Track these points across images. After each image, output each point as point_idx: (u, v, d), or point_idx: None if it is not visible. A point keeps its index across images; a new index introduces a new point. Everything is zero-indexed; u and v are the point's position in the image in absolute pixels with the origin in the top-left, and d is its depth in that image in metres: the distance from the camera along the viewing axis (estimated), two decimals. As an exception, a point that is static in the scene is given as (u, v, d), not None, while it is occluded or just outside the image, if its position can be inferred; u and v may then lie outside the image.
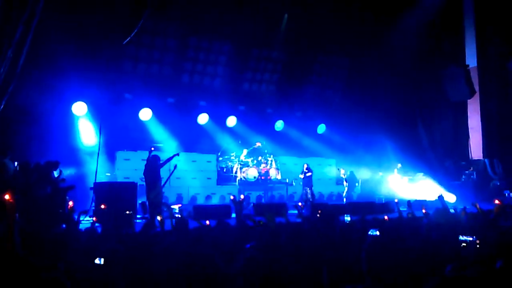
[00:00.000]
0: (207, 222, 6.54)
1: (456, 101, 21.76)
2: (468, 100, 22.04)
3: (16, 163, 10.91)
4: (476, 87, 21.26)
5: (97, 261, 3.65)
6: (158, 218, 6.24)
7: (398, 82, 21.62)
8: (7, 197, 4.36)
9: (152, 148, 12.48)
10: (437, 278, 2.64)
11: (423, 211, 7.16)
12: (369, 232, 6.12)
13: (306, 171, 17.42)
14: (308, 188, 17.27)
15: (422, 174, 20.39)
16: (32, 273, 2.79)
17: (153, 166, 11.83)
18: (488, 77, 21.64)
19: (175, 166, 12.59)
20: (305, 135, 21.57)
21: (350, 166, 19.94)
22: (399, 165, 20.19)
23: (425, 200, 15.63)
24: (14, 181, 10.05)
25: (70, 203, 6.12)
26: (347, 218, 9.09)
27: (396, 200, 9.25)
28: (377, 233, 5.87)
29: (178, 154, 12.91)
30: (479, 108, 22.03)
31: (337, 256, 3.96)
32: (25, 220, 8.71)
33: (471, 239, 4.70)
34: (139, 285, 3.10)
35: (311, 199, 16.86)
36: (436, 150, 22.64)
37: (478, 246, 4.55)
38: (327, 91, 22.37)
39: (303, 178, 17.50)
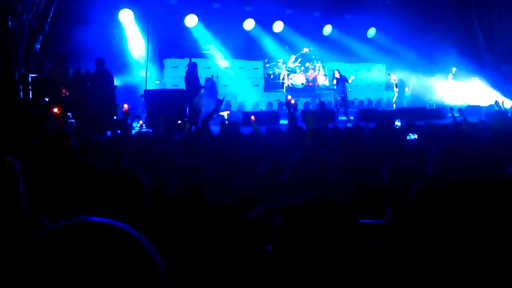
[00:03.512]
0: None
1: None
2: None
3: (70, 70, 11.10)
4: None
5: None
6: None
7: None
8: (55, 110, 4.96)
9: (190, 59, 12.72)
10: None
11: (480, 117, 6.91)
12: (408, 136, 6.08)
13: (338, 77, 15.44)
14: (340, 97, 15.27)
15: (477, 78, 19.49)
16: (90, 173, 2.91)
17: (192, 73, 12.15)
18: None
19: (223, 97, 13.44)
20: (354, 39, 20.69)
21: (401, 71, 19.27)
22: (454, 69, 19.06)
23: (479, 106, 15.08)
24: (71, 88, 10.33)
25: (125, 106, 6.19)
26: (397, 124, 8.94)
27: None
28: (415, 136, 5.84)
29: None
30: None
31: (394, 158, 3.92)
32: (82, 125, 9.13)
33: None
34: (191, 184, 3.18)
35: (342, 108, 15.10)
36: (494, 53, 21.36)
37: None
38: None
39: (335, 85, 15.63)
